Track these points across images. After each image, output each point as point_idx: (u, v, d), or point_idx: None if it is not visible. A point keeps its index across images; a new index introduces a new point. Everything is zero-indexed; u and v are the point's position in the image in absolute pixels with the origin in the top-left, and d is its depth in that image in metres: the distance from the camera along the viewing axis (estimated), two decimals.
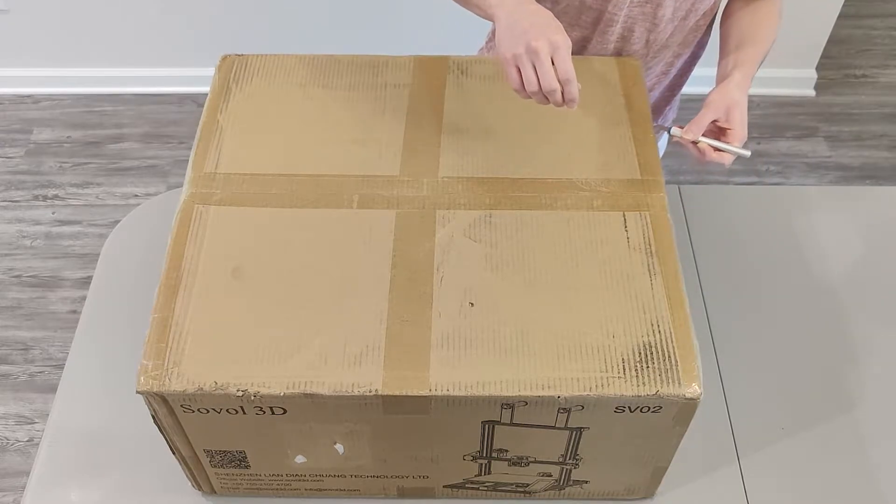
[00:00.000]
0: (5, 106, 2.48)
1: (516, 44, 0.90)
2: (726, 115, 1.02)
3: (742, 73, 1.05)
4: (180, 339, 0.84)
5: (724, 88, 1.03)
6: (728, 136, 1.02)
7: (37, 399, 1.89)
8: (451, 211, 0.95)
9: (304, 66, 1.10)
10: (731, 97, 1.02)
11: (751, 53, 1.09)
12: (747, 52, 1.09)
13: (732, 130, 1.01)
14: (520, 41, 0.90)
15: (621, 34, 1.14)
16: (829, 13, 2.32)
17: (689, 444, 0.91)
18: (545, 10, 0.94)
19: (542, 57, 0.89)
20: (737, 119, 1.01)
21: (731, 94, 1.02)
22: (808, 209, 1.34)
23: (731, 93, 1.03)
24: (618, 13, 1.10)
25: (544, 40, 0.89)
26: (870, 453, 1.08)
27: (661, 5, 1.10)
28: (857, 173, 2.35)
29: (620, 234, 0.93)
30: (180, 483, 1.01)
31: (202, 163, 0.99)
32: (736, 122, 1.01)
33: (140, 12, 2.32)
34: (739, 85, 1.04)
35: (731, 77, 1.04)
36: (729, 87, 1.03)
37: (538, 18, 0.92)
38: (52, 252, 2.14)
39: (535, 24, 0.91)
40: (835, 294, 1.23)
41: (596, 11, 1.11)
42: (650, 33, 1.14)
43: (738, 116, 1.02)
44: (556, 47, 0.90)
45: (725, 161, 1.02)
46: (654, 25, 1.13)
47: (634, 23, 1.12)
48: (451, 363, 0.83)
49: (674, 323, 0.86)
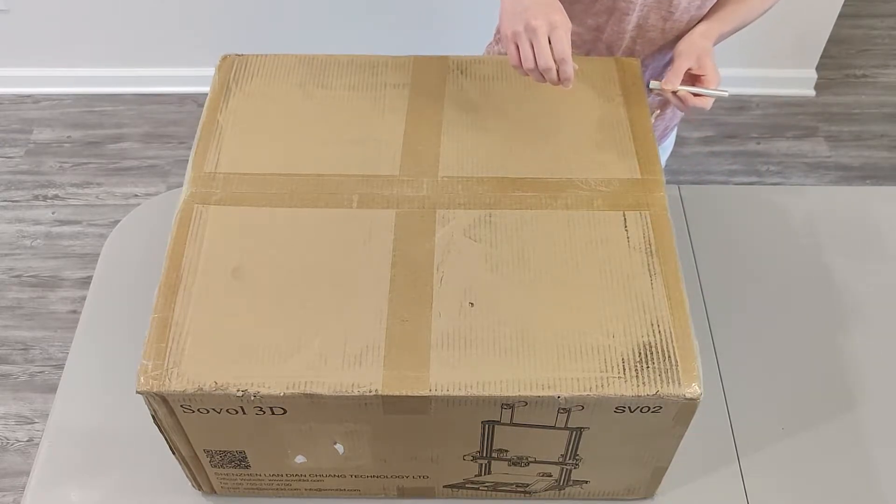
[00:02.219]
0: (5, 106, 2.48)
1: (516, 21, 0.94)
2: (697, 62, 1.07)
3: (708, 25, 1.11)
4: (180, 340, 0.84)
5: (689, 38, 1.09)
6: (703, 81, 1.07)
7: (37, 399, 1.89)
8: (451, 210, 0.95)
9: (304, 66, 1.10)
10: (698, 45, 1.08)
11: (726, 11, 1.14)
12: (724, 9, 1.14)
13: (706, 76, 1.07)
14: (520, 19, 0.94)
15: (637, 23, 1.14)
16: (829, 13, 2.32)
17: (689, 444, 0.91)
18: None
19: (540, 35, 0.93)
20: (708, 65, 1.07)
21: (697, 43, 1.08)
22: (808, 209, 1.34)
23: (696, 41, 1.09)
24: (634, 1, 1.11)
25: (543, 19, 0.93)
26: (870, 453, 1.08)
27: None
28: (857, 173, 2.35)
29: (620, 233, 0.93)
30: (180, 483, 1.01)
31: (202, 163, 0.99)
32: (708, 67, 1.07)
33: (140, 12, 2.32)
34: (703, 34, 1.10)
35: (696, 28, 1.11)
36: (693, 37, 1.09)
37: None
38: (52, 252, 2.14)
39: (536, 3, 0.94)
40: (835, 294, 1.23)
41: (610, 1, 1.12)
42: (666, 22, 1.14)
43: (708, 62, 1.07)
44: (553, 27, 0.93)
45: (706, 105, 1.07)
46: (669, 14, 1.13)
47: (650, 10, 1.13)
48: (451, 363, 0.83)
49: (674, 323, 0.86)
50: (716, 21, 1.13)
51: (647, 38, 1.16)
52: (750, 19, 1.17)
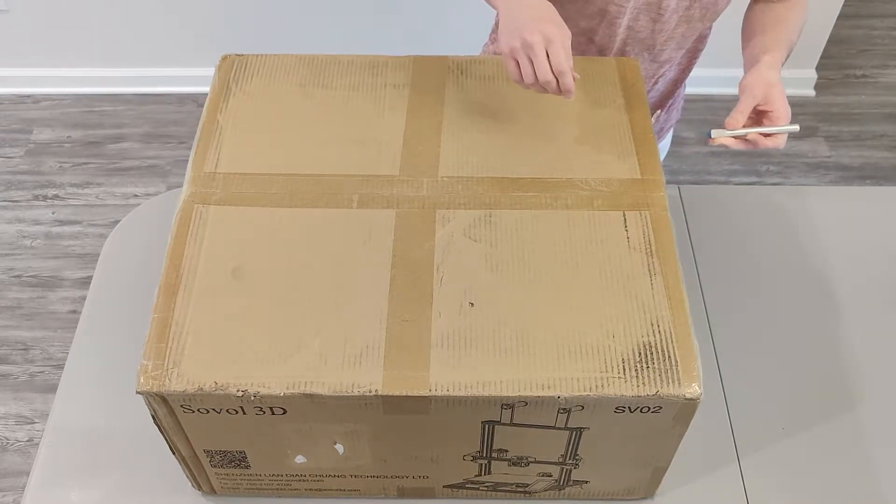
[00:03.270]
0: (5, 106, 2.48)
1: (513, 37, 0.93)
2: (765, 97, 0.99)
3: (772, 55, 1.04)
4: (180, 339, 0.84)
5: (756, 72, 1.01)
6: (771, 117, 1.00)
7: (37, 399, 1.89)
8: (451, 210, 0.95)
9: (304, 66, 1.10)
10: (765, 78, 1.00)
11: (779, 37, 1.08)
12: (775, 35, 1.08)
13: (774, 112, 0.99)
14: (516, 35, 0.93)
15: (628, 24, 1.15)
16: (829, 13, 2.32)
17: (689, 444, 0.91)
18: (544, 2, 0.95)
19: (537, 50, 0.92)
20: (776, 98, 0.99)
21: (764, 76, 1.00)
22: (808, 209, 1.34)
23: (764, 74, 1.00)
24: (625, 5, 1.11)
25: (538, 34, 0.92)
26: (870, 453, 1.08)
27: None
28: (857, 173, 2.35)
29: (620, 233, 0.93)
30: (180, 483, 1.01)
31: (202, 162, 0.99)
32: (777, 101, 0.99)
33: (140, 12, 2.32)
34: (770, 65, 1.02)
35: (761, 60, 1.03)
36: (760, 69, 1.01)
37: (534, 11, 0.94)
38: (52, 252, 2.14)
39: (531, 18, 0.93)
40: (835, 294, 1.23)
41: (602, 3, 1.12)
42: (655, 24, 1.15)
43: (777, 95, 0.99)
44: (550, 40, 0.92)
45: (780, 144, 0.99)
46: (658, 16, 1.13)
47: (640, 13, 1.13)
48: (451, 363, 0.83)
49: (674, 323, 0.86)
50: (777, 48, 1.06)
51: (637, 40, 1.17)
52: (796, 37, 1.12)
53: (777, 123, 0.99)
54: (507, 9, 0.95)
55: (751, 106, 0.99)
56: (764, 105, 1.00)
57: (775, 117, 0.99)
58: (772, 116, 0.99)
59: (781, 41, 1.08)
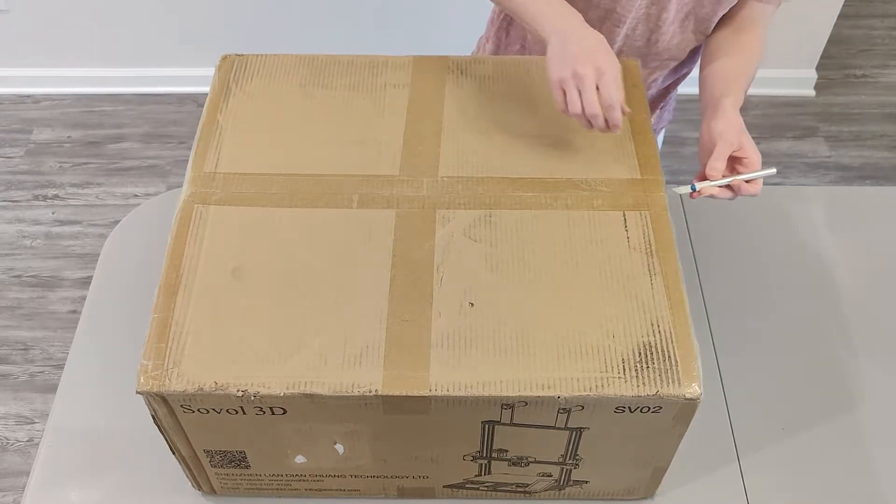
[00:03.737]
0: (5, 106, 2.48)
1: (563, 68, 0.93)
2: (739, 144, 0.98)
3: (734, 98, 1.02)
4: (180, 340, 0.84)
5: (725, 118, 0.99)
6: (745, 164, 0.98)
7: (37, 399, 1.89)
8: (451, 210, 0.95)
9: (304, 66, 1.10)
10: (736, 125, 0.99)
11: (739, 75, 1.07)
12: (733, 77, 1.07)
13: (748, 158, 0.98)
14: (567, 66, 0.93)
15: (626, 32, 1.15)
16: (829, 13, 2.32)
17: (689, 444, 0.91)
18: (596, 33, 0.95)
19: (587, 83, 0.92)
20: (748, 145, 0.98)
21: (735, 122, 0.99)
22: (808, 209, 1.34)
23: (733, 121, 0.99)
24: (626, 14, 1.11)
25: (591, 66, 0.92)
26: (870, 453, 1.08)
27: (666, 8, 1.12)
28: (857, 173, 2.35)
29: (620, 233, 0.93)
30: (180, 483, 1.01)
31: (202, 162, 0.99)
32: (749, 148, 0.98)
33: (140, 12, 2.32)
34: (735, 109, 1.01)
35: (724, 103, 1.01)
36: (728, 114, 1.00)
37: (587, 43, 0.94)
38: (52, 252, 2.14)
39: (583, 49, 0.93)
40: (835, 294, 1.23)
41: (604, 10, 1.12)
42: (652, 33, 1.15)
43: (748, 141, 0.99)
44: (601, 73, 0.92)
45: (758, 189, 0.98)
46: (657, 26, 1.14)
47: (639, 22, 1.14)
48: (451, 363, 0.83)
49: (674, 323, 0.86)
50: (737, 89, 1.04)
51: (633, 48, 1.18)
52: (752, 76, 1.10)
53: (752, 169, 0.98)
54: (558, 38, 0.95)
55: (728, 153, 0.97)
56: (738, 152, 0.98)
57: (750, 163, 0.98)
58: (746, 163, 0.98)
59: (742, 80, 1.07)
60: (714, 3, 1.13)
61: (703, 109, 1.06)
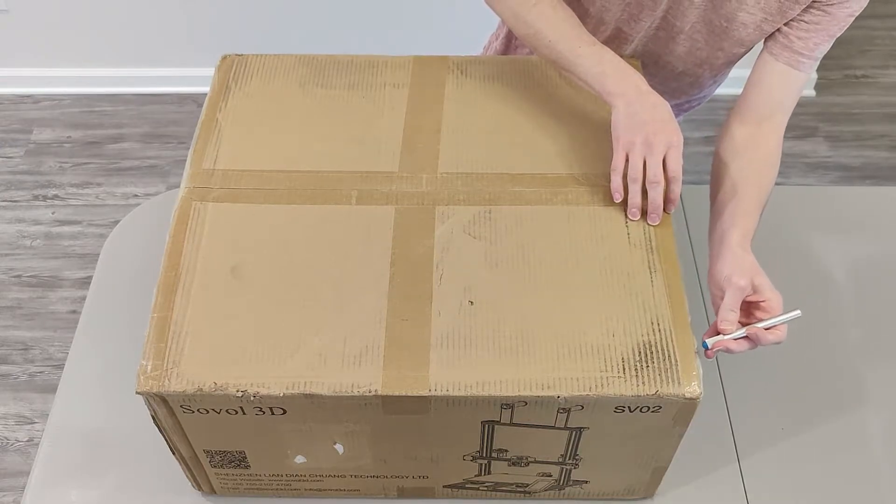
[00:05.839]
0: (5, 106, 2.48)
1: (635, 132, 0.93)
2: (752, 287, 0.87)
3: (741, 229, 0.93)
4: (180, 340, 0.84)
5: (733, 259, 0.89)
6: (764, 308, 0.86)
7: (37, 399, 1.89)
8: (451, 207, 0.95)
9: (303, 66, 1.10)
10: (746, 266, 0.88)
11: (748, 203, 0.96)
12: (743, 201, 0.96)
13: (767, 302, 0.86)
14: (639, 131, 0.92)
15: (633, 52, 1.14)
16: None
17: (689, 444, 0.91)
18: (665, 102, 0.95)
19: (656, 151, 0.92)
20: (765, 287, 0.86)
21: (743, 263, 0.88)
22: (808, 209, 1.34)
23: (741, 261, 0.88)
24: (633, 35, 1.10)
25: (663, 136, 0.92)
26: (870, 453, 1.08)
27: (675, 39, 1.10)
28: (857, 173, 2.34)
29: (621, 229, 0.93)
30: (180, 483, 1.01)
31: (201, 159, 0.99)
32: (766, 290, 0.86)
33: (140, 12, 2.32)
34: (743, 245, 0.91)
35: (729, 238, 0.91)
36: (736, 254, 0.89)
37: (658, 112, 0.94)
38: (52, 252, 2.14)
39: (655, 119, 0.93)
40: (835, 294, 1.23)
41: (613, 28, 1.11)
42: (660, 58, 1.14)
43: (764, 283, 0.87)
44: (671, 145, 0.92)
45: (783, 336, 0.86)
46: (667, 52, 1.13)
47: (646, 44, 1.13)
48: (451, 363, 0.83)
49: (674, 322, 0.86)
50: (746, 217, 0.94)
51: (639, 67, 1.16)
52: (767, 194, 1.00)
53: (772, 314, 0.86)
54: (627, 103, 0.94)
55: (739, 301, 0.86)
56: (752, 296, 0.87)
57: (769, 307, 0.86)
58: (765, 307, 0.86)
59: (752, 204, 0.96)
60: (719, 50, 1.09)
61: (709, 242, 0.97)
